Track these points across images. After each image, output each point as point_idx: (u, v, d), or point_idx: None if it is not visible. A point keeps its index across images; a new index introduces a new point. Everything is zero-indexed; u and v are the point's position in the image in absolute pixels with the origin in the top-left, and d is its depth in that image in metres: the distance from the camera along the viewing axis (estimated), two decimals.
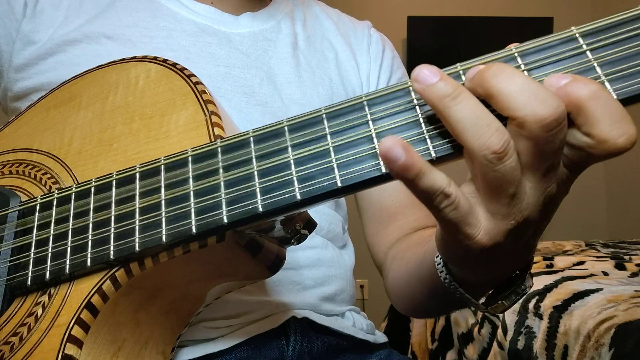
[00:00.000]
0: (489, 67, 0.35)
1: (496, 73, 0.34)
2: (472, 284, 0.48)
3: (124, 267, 0.44)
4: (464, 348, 1.54)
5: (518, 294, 0.47)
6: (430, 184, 0.35)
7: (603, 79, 0.34)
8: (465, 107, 0.34)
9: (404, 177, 0.35)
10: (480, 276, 0.46)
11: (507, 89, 0.34)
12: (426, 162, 0.35)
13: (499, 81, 0.34)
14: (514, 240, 0.39)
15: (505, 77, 0.34)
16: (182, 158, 0.44)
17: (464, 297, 0.48)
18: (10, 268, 0.48)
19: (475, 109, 0.34)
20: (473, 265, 0.44)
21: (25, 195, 0.52)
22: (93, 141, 0.52)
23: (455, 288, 0.48)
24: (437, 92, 0.35)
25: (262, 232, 0.46)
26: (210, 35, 0.74)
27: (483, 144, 0.34)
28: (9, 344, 0.45)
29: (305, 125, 0.40)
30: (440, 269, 0.50)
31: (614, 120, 0.33)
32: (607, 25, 0.35)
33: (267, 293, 0.67)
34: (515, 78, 0.34)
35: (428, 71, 0.35)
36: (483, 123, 0.34)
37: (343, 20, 0.90)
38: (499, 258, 0.41)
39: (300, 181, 0.39)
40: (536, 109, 0.33)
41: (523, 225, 0.38)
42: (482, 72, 0.35)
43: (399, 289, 0.68)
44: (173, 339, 0.52)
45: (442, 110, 0.35)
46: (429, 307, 0.64)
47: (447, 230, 0.38)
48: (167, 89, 0.51)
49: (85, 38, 0.69)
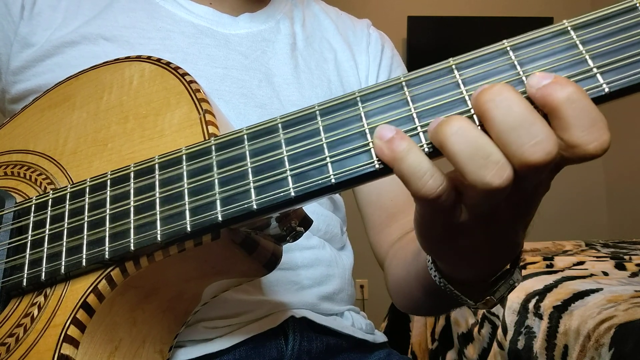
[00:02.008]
0: (488, 89, 0.34)
1: (492, 97, 0.34)
2: (461, 281, 0.48)
3: (119, 267, 0.44)
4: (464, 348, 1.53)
5: (506, 288, 0.47)
6: (416, 163, 0.35)
7: (595, 71, 0.34)
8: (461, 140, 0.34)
9: (394, 151, 0.35)
10: (464, 269, 0.46)
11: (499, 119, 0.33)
12: (414, 144, 0.35)
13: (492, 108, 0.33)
14: (486, 231, 0.39)
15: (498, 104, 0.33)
16: (176, 156, 0.44)
17: (453, 293, 0.49)
18: (5, 269, 0.48)
19: (473, 139, 0.33)
20: (448, 250, 0.44)
21: (21, 197, 0.52)
22: (88, 141, 0.52)
23: (445, 284, 0.49)
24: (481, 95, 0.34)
25: (257, 229, 0.46)
26: (209, 36, 0.73)
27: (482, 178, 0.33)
28: (5, 345, 0.45)
29: (299, 122, 0.40)
30: (430, 266, 0.50)
31: (587, 126, 0.32)
32: (598, 18, 0.35)
33: (265, 293, 0.67)
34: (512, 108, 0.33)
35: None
36: (481, 155, 0.33)
37: (342, 19, 0.90)
38: (476, 247, 0.41)
39: (294, 178, 0.39)
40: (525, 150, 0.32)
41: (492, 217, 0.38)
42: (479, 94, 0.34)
43: (399, 287, 0.68)
44: (170, 339, 0.52)
45: (440, 143, 0.35)
46: (427, 305, 0.64)
47: (429, 218, 0.39)
48: (161, 88, 0.51)
49: (83, 40, 0.69)
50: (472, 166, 0.33)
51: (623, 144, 3.29)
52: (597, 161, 3.76)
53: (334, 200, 0.81)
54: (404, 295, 0.67)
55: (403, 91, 0.38)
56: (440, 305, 0.62)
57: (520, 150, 0.32)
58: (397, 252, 0.72)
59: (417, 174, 0.35)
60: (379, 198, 0.81)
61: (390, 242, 0.77)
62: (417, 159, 0.35)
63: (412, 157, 0.35)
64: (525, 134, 0.32)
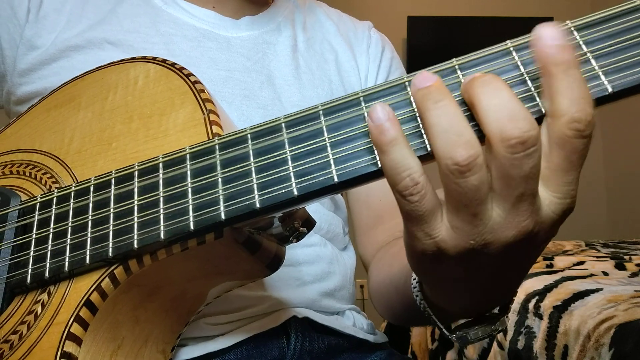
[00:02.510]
0: (481, 76, 0.34)
1: (484, 83, 0.34)
2: (443, 310, 0.47)
3: (122, 265, 0.44)
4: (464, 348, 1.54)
5: (486, 332, 0.45)
6: (400, 159, 0.35)
7: (598, 71, 0.34)
8: (442, 113, 0.34)
9: (379, 140, 0.35)
10: (448, 300, 0.45)
11: (486, 101, 0.33)
12: (404, 136, 0.35)
13: (482, 92, 0.34)
14: (474, 266, 0.38)
15: (489, 89, 0.34)
16: (180, 156, 0.44)
17: (431, 318, 0.48)
18: (10, 266, 0.48)
19: (452, 117, 0.34)
20: (435, 277, 0.43)
21: (26, 195, 0.52)
22: (93, 141, 0.52)
23: (424, 307, 0.48)
24: (423, 94, 0.35)
25: (260, 229, 0.46)
26: (211, 40, 0.74)
27: (447, 153, 0.33)
28: (9, 342, 0.45)
29: (302, 122, 0.40)
30: (415, 284, 0.49)
31: (575, 97, 0.33)
32: (601, 18, 0.35)
33: (266, 288, 0.67)
34: (499, 92, 0.33)
35: (425, 75, 0.35)
36: (454, 132, 0.33)
37: (344, 21, 0.90)
38: (460, 278, 0.40)
39: (297, 177, 0.39)
40: (504, 127, 0.32)
41: (483, 251, 0.36)
42: (472, 80, 0.35)
43: (379, 293, 0.68)
44: (173, 338, 0.53)
45: (422, 111, 0.35)
46: (403, 318, 0.64)
47: (408, 223, 0.37)
48: (165, 88, 0.51)
49: (88, 44, 0.69)
50: (444, 140, 0.34)
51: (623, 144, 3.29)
52: (597, 161, 3.75)
53: (335, 200, 0.81)
54: (383, 303, 0.67)
55: (406, 91, 0.38)
56: (416, 321, 0.61)
57: (499, 127, 0.33)
58: (383, 257, 0.72)
59: (397, 169, 0.35)
60: (368, 198, 0.81)
61: (376, 246, 0.77)
62: (399, 153, 0.35)
63: (396, 150, 0.35)
64: (506, 113, 0.33)
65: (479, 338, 0.46)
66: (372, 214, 0.80)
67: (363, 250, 0.80)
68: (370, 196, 0.80)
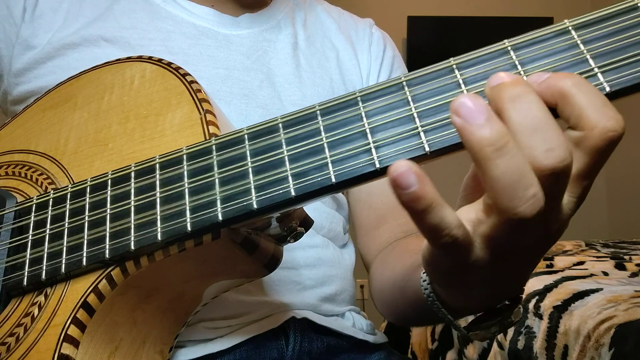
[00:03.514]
0: (511, 86, 0.32)
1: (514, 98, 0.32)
2: (455, 307, 0.46)
3: (119, 266, 0.44)
4: (464, 348, 1.53)
5: (503, 325, 0.44)
6: (437, 222, 0.32)
7: (596, 71, 0.34)
8: (508, 163, 0.31)
9: (412, 208, 0.32)
10: (465, 300, 0.44)
11: (517, 120, 0.31)
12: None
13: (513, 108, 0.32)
14: (499, 270, 0.38)
15: (521, 105, 0.32)
16: (177, 156, 0.44)
17: (446, 318, 0.47)
18: (6, 268, 0.48)
19: (518, 166, 0.31)
20: (459, 286, 0.42)
21: (22, 196, 0.52)
22: (89, 141, 0.52)
23: (438, 308, 0.47)
24: (480, 138, 0.31)
25: (258, 229, 0.46)
26: (210, 37, 0.73)
27: (514, 209, 0.32)
28: (6, 345, 0.45)
29: (300, 122, 0.40)
30: (425, 286, 0.48)
31: (599, 106, 0.32)
32: (599, 17, 0.35)
33: (266, 293, 0.67)
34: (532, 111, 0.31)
35: (473, 105, 0.31)
36: (521, 186, 0.31)
37: (345, 19, 0.89)
38: (486, 282, 0.40)
39: (295, 177, 0.39)
40: (538, 155, 0.31)
41: (511, 257, 0.36)
42: (501, 87, 0.32)
43: (382, 294, 0.68)
44: (171, 339, 0.52)
45: (480, 160, 0.31)
46: (409, 318, 0.63)
47: (436, 250, 0.36)
48: (162, 88, 0.51)
49: (84, 42, 0.69)
50: (508, 195, 0.31)
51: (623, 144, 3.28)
52: None
53: (337, 199, 0.80)
54: (387, 305, 0.67)
55: (404, 91, 0.38)
56: (424, 320, 0.61)
57: (532, 155, 0.31)
58: (386, 258, 0.71)
59: (437, 232, 0.33)
60: (369, 198, 0.80)
61: (379, 246, 0.76)
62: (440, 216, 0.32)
63: (434, 215, 0.32)
64: (541, 139, 0.31)
65: (496, 332, 0.45)
66: (374, 214, 0.79)
67: (365, 251, 0.80)
68: (372, 196, 0.79)
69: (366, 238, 0.80)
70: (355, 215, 0.82)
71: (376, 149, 0.37)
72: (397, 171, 0.30)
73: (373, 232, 0.78)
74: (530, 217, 0.31)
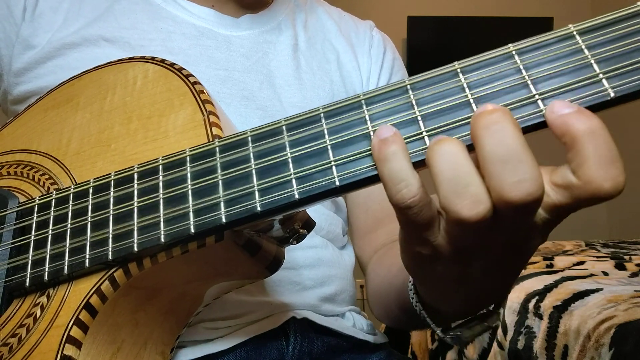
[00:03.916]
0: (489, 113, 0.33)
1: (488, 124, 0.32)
2: (437, 310, 0.47)
3: (122, 268, 0.44)
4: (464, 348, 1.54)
5: (481, 329, 0.45)
6: (397, 171, 0.34)
7: (601, 76, 0.34)
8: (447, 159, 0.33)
9: (379, 151, 0.35)
10: (442, 300, 0.45)
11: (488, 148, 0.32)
12: (405, 151, 0.35)
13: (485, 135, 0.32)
14: (469, 266, 0.38)
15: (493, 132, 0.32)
16: (180, 158, 0.44)
17: (425, 320, 0.48)
18: (8, 269, 0.48)
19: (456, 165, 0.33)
20: (428, 278, 0.43)
21: (24, 197, 0.52)
22: (91, 142, 0.52)
23: (420, 309, 0.48)
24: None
25: (260, 231, 0.46)
26: (210, 38, 0.73)
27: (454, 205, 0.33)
28: (8, 345, 0.45)
29: (303, 124, 0.40)
30: (410, 286, 0.49)
31: (604, 163, 0.31)
32: (604, 22, 0.35)
33: (266, 293, 0.67)
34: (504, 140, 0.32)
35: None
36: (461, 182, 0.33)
37: (345, 20, 0.89)
38: (453, 280, 0.40)
39: (298, 180, 0.39)
40: (506, 187, 0.31)
41: (480, 252, 0.37)
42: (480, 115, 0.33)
43: (378, 296, 0.68)
44: (172, 340, 0.52)
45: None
46: (401, 321, 0.64)
47: (405, 229, 0.38)
48: (165, 89, 0.51)
49: (84, 42, 0.69)
50: (447, 190, 0.33)
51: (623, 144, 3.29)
52: None
53: (336, 201, 0.80)
54: (381, 306, 0.67)
55: (408, 94, 0.37)
56: (413, 324, 0.61)
57: (500, 185, 0.31)
58: (381, 260, 0.71)
59: (393, 180, 0.34)
60: (367, 200, 0.80)
61: (375, 248, 0.76)
62: (398, 165, 0.34)
63: (394, 163, 0.34)
64: (510, 170, 0.31)
65: (474, 335, 0.46)
66: (371, 217, 0.79)
67: (360, 253, 0.80)
68: (370, 200, 0.80)
69: (363, 241, 0.80)
70: (353, 217, 0.82)
71: None
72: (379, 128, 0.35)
73: (370, 235, 0.79)
74: (474, 220, 0.32)
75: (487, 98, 0.36)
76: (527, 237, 0.36)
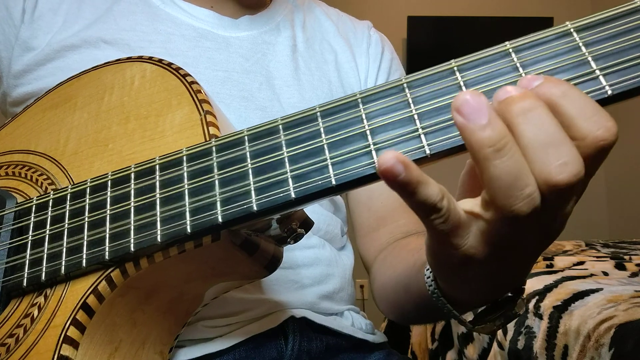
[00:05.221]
0: (521, 99, 0.32)
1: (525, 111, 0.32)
2: (459, 301, 0.47)
3: (119, 268, 0.44)
4: (464, 348, 1.53)
5: (508, 317, 0.45)
6: (424, 198, 0.33)
7: (598, 73, 0.34)
8: (506, 164, 0.31)
9: (401, 191, 0.33)
10: (468, 294, 0.45)
11: (529, 136, 0.32)
12: (423, 175, 0.33)
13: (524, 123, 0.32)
14: (499, 265, 0.38)
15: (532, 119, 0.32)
16: (176, 157, 0.44)
17: (451, 313, 0.47)
18: (6, 269, 0.48)
19: (516, 166, 0.31)
20: (459, 278, 0.42)
21: (22, 197, 0.52)
22: (89, 142, 0.52)
23: (443, 304, 0.47)
24: (482, 139, 0.31)
25: (258, 231, 0.46)
26: (209, 40, 0.73)
27: (510, 207, 0.32)
28: (5, 346, 0.45)
29: (300, 123, 0.40)
30: (430, 282, 0.48)
31: (589, 115, 0.32)
32: (601, 19, 0.35)
33: (265, 291, 0.67)
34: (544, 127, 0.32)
35: (475, 103, 0.32)
36: (518, 186, 0.32)
37: (343, 21, 0.90)
38: (488, 276, 0.40)
39: (295, 179, 0.39)
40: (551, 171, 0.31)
41: (510, 252, 0.37)
42: (510, 101, 0.32)
43: (385, 294, 0.68)
44: (171, 339, 0.52)
45: (480, 159, 0.32)
46: (412, 316, 0.63)
47: (434, 236, 0.37)
48: (162, 89, 0.51)
49: (84, 43, 0.69)
50: (505, 193, 0.32)
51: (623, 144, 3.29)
52: None
53: (334, 201, 0.80)
54: (391, 304, 0.67)
55: (404, 93, 0.37)
56: (428, 317, 0.61)
57: (546, 170, 0.31)
58: (387, 259, 0.71)
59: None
60: (369, 200, 0.80)
61: (379, 247, 0.76)
62: (424, 192, 0.33)
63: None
64: (554, 154, 0.31)
65: (502, 324, 0.46)
66: (374, 216, 0.79)
67: (365, 252, 0.80)
68: (372, 198, 0.80)
69: (366, 239, 0.80)
70: (355, 217, 0.82)
71: (376, 151, 0.37)
72: (385, 163, 0.32)
73: (373, 233, 0.79)
74: (526, 215, 0.32)
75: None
76: (562, 222, 0.36)
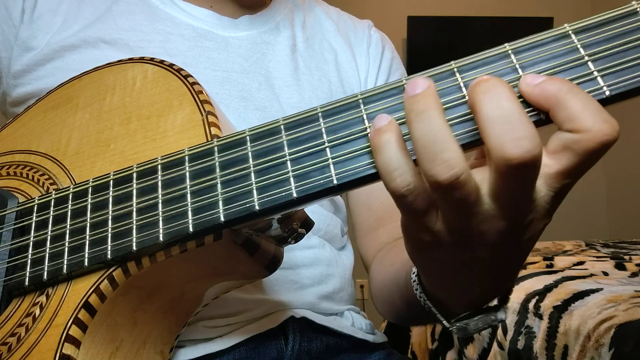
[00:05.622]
0: (485, 80, 0.34)
1: (486, 89, 0.33)
2: (442, 302, 0.48)
3: (121, 267, 0.44)
4: (464, 348, 1.54)
5: (486, 322, 0.45)
6: (391, 160, 0.35)
7: (596, 74, 0.34)
8: (423, 127, 0.33)
9: (374, 140, 0.35)
10: (445, 292, 0.46)
11: (487, 111, 0.33)
12: (400, 139, 0.35)
13: (484, 100, 0.33)
14: (471, 254, 0.38)
15: (492, 97, 0.33)
16: (178, 157, 0.44)
17: (431, 310, 0.48)
18: (8, 269, 0.48)
19: (433, 132, 0.33)
20: (433, 269, 0.43)
21: (23, 197, 0.52)
22: (90, 142, 0.52)
23: (424, 300, 0.48)
24: (409, 103, 0.34)
25: (259, 231, 0.46)
26: (209, 39, 0.73)
27: (428, 170, 0.33)
28: (7, 345, 0.45)
29: (301, 124, 0.40)
30: (414, 278, 0.49)
31: (594, 111, 0.32)
32: (599, 22, 0.35)
33: (265, 291, 0.67)
34: (502, 102, 0.33)
35: (414, 83, 0.35)
36: (436, 149, 0.33)
37: (343, 20, 0.90)
38: (455, 269, 0.41)
39: (297, 179, 0.39)
40: (505, 145, 0.32)
41: (479, 240, 0.37)
42: (477, 83, 0.34)
43: (381, 292, 0.68)
44: (171, 339, 0.53)
45: (407, 122, 0.35)
46: (406, 315, 0.64)
47: (404, 216, 0.38)
48: (164, 89, 0.51)
49: (83, 43, 0.69)
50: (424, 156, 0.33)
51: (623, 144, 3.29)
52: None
53: (334, 201, 0.81)
54: (386, 302, 0.67)
55: None
56: (419, 318, 0.61)
57: (500, 143, 0.32)
58: (385, 257, 0.71)
59: (387, 169, 0.35)
60: (369, 199, 0.80)
61: (378, 246, 0.76)
62: (390, 154, 0.35)
63: (387, 151, 0.35)
64: (509, 129, 0.32)
65: (479, 328, 0.46)
66: (373, 215, 0.79)
67: (364, 252, 0.80)
68: (372, 198, 0.80)
69: (365, 239, 0.80)
70: (355, 216, 0.82)
71: None
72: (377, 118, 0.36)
73: (372, 233, 0.79)
74: (448, 183, 0.33)
75: None
76: (530, 219, 0.36)
